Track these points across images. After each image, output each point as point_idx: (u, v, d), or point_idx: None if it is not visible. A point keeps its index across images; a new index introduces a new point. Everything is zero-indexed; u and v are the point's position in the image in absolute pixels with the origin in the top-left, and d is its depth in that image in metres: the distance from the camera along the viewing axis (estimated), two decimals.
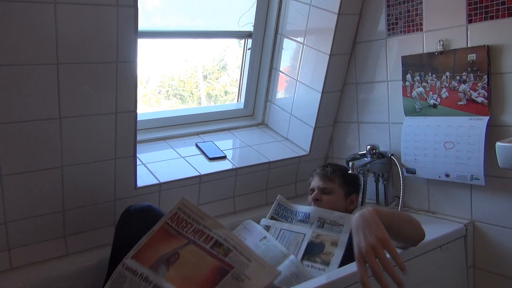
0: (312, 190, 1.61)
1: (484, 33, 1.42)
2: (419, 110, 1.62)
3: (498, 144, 1.20)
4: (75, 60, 1.28)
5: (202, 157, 1.79)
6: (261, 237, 1.45)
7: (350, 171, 1.64)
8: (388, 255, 1.03)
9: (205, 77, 2.25)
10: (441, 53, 1.53)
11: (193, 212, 1.16)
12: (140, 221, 1.29)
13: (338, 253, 1.35)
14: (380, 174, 1.78)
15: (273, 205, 1.61)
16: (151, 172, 1.62)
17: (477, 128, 1.43)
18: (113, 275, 1.07)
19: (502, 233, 1.46)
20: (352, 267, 1.21)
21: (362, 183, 1.76)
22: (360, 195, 1.73)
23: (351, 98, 1.91)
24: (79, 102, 1.33)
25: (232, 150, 1.91)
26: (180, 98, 2.18)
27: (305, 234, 1.44)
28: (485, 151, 1.41)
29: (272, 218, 1.58)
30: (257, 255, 1.11)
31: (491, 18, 1.40)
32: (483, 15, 1.42)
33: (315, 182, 1.61)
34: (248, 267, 1.07)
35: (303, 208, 1.55)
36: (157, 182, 1.58)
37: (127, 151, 1.48)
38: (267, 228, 1.52)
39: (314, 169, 1.68)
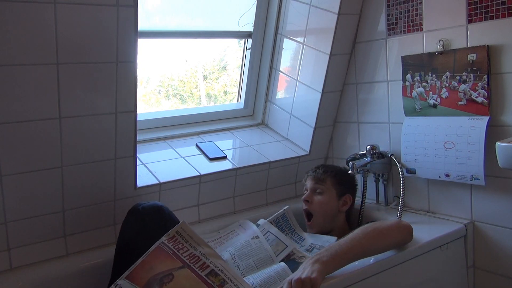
0: (306, 190, 1.62)
1: (484, 33, 1.42)
2: (419, 110, 1.62)
3: (498, 144, 1.20)
4: (75, 60, 1.28)
5: (202, 157, 1.79)
6: (254, 235, 1.45)
7: (349, 171, 1.64)
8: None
9: (205, 77, 2.25)
10: (441, 53, 1.53)
11: (191, 237, 1.15)
12: (150, 220, 1.28)
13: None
14: (380, 174, 1.78)
15: (277, 213, 1.58)
16: (151, 172, 1.62)
17: (477, 128, 1.43)
18: None
19: (502, 233, 1.46)
20: (351, 267, 1.21)
21: (361, 183, 1.76)
22: (360, 195, 1.73)
23: (351, 98, 1.91)
24: (79, 102, 1.33)
25: (232, 150, 1.91)
26: (180, 98, 2.18)
27: (287, 246, 1.42)
28: (485, 151, 1.41)
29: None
30: None
31: (491, 18, 1.40)
32: (483, 15, 1.42)
33: (308, 183, 1.62)
34: None
35: (301, 232, 1.55)
36: (157, 182, 1.58)
37: (127, 151, 1.48)
38: (256, 225, 1.52)
39: (307, 171, 1.68)
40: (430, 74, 1.57)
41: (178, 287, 1.05)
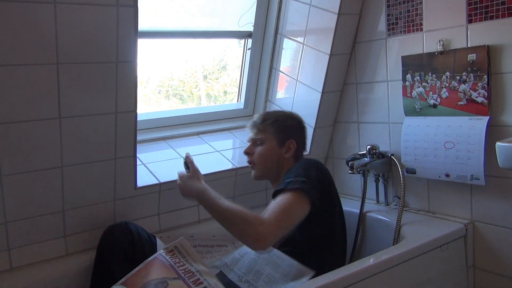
0: (248, 142, 1.59)
1: (484, 33, 1.42)
2: (419, 110, 1.62)
3: (498, 144, 1.20)
4: (75, 60, 1.28)
5: (202, 157, 1.79)
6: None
7: (290, 115, 1.60)
8: None
9: (205, 77, 2.25)
10: (441, 53, 1.53)
11: (188, 254, 1.17)
12: (124, 235, 1.35)
13: None
14: (380, 174, 1.78)
15: None
16: (151, 172, 1.62)
17: (477, 128, 1.43)
18: None
19: (502, 233, 1.46)
20: (352, 268, 1.21)
21: (361, 183, 1.76)
22: (361, 192, 1.73)
23: (351, 98, 1.91)
24: (79, 102, 1.33)
25: (232, 150, 1.91)
26: (180, 98, 2.18)
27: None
28: (485, 151, 1.41)
29: None
30: None
31: (491, 18, 1.40)
32: (483, 15, 1.42)
33: (249, 134, 1.58)
34: None
35: None
36: (157, 182, 1.58)
37: (127, 151, 1.48)
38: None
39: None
40: (430, 74, 1.57)
41: None
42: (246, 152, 1.57)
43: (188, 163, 1.47)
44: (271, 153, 1.52)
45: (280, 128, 1.53)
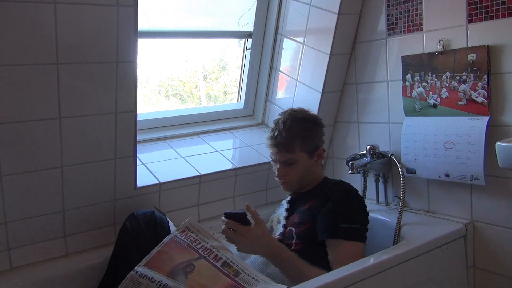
0: (274, 161, 1.49)
1: (484, 33, 1.42)
2: (419, 110, 1.62)
3: (498, 144, 1.20)
4: (75, 60, 1.28)
5: (202, 157, 1.79)
6: None
7: (309, 127, 1.50)
8: None
9: (205, 77, 2.25)
10: (441, 53, 1.53)
11: (200, 232, 1.21)
12: (148, 225, 1.34)
13: (278, 229, 1.47)
14: (380, 174, 1.78)
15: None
16: (151, 172, 1.62)
17: (477, 128, 1.43)
18: (123, 282, 1.09)
19: (502, 233, 1.46)
20: (353, 267, 1.21)
21: (361, 183, 1.76)
22: (361, 192, 1.73)
23: (351, 98, 1.91)
24: (79, 102, 1.33)
25: (232, 150, 1.91)
26: (180, 98, 2.18)
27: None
28: (485, 151, 1.41)
29: None
30: (263, 276, 1.15)
31: (491, 18, 1.40)
32: (483, 15, 1.42)
33: (274, 153, 1.47)
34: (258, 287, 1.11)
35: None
36: (157, 182, 1.58)
37: (127, 151, 1.48)
38: None
39: (271, 133, 1.49)
40: (430, 74, 1.57)
41: (200, 276, 1.10)
42: (281, 175, 1.47)
43: (252, 214, 1.26)
44: (306, 168, 1.48)
45: (308, 141, 1.46)
